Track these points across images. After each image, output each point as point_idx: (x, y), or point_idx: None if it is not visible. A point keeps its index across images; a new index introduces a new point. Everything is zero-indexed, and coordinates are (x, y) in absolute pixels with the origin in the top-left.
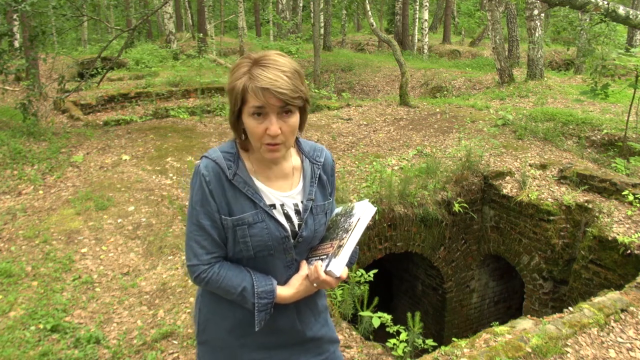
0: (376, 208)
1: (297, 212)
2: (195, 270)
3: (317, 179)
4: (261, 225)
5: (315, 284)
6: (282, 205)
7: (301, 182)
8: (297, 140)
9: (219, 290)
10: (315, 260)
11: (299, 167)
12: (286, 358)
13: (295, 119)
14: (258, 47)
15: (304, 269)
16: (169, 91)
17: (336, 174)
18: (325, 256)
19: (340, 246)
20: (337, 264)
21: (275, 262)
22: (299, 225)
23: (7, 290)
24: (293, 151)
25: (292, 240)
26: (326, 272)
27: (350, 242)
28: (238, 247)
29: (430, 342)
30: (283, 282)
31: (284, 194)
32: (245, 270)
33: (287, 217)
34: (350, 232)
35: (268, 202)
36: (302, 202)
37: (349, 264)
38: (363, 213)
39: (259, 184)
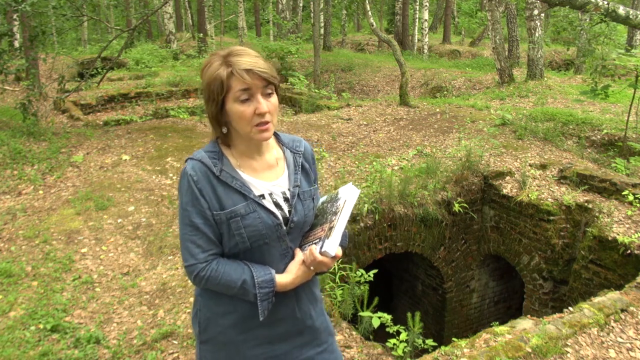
0: (360, 190)
1: (286, 199)
2: (194, 269)
3: (300, 167)
4: (254, 216)
5: (312, 267)
6: (270, 194)
7: (286, 171)
8: (275, 133)
9: (219, 286)
10: (309, 245)
11: (282, 157)
12: (287, 351)
13: (275, 98)
14: (258, 47)
15: (299, 255)
16: (169, 91)
17: (336, 174)
18: (318, 240)
19: (331, 228)
20: (330, 244)
21: (271, 251)
22: (289, 212)
23: (7, 290)
24: (274, 143)
25: (284, 227)
26: (321, 253)
27: (340, 223)
28: (234, 241)
29: (430, 342)
30: (280, 271)
31: (270, 183)
32: (243, 263)
33: (277, 205)
34: (338, 213)
35: (257, 193)
36: (289, 189)
37: (341, 246)
38: (348, 195)
39: (245, 176)
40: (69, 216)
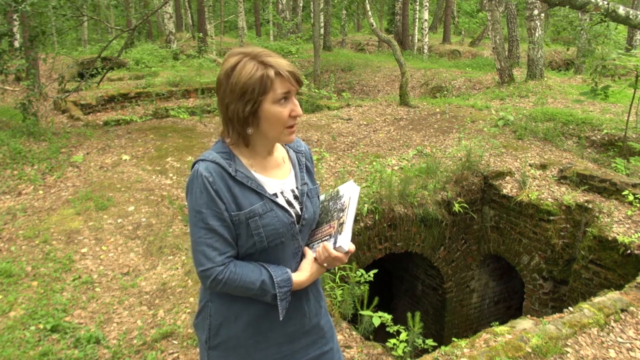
0: (359, 187)
1: (295, 197)
2: (211, 273)
3: (304, 166)
4: (271, 214)
5: (326, 264)
6: (282, 193)
7: (292, 170)
8: None
9: (237, 289)
10: (318, 243)
11: (287, 157)
12: (296, 351)
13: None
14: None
15: (310, 253)
16: (169, 91)
17: (336, 174)
18: (328, 237)
19: (341, 224)
20: (343, 239)
21: (285, 250)
22: (301, 209)
23: (7, 290)
24: (278, 144)
25: (297, 225)
26: (335, 249)
27: (349, 219)
28: (251, 241)
29: (430, 342)
30: (293, 270)
31: (280, 181)
32: (259, 264)
33: (289, 203)
34: (346, 210)
35: (271, 192)
36: (297, 187)
37: None
38: (351, 192)
39: (258, 175)
40: (69, 216)
